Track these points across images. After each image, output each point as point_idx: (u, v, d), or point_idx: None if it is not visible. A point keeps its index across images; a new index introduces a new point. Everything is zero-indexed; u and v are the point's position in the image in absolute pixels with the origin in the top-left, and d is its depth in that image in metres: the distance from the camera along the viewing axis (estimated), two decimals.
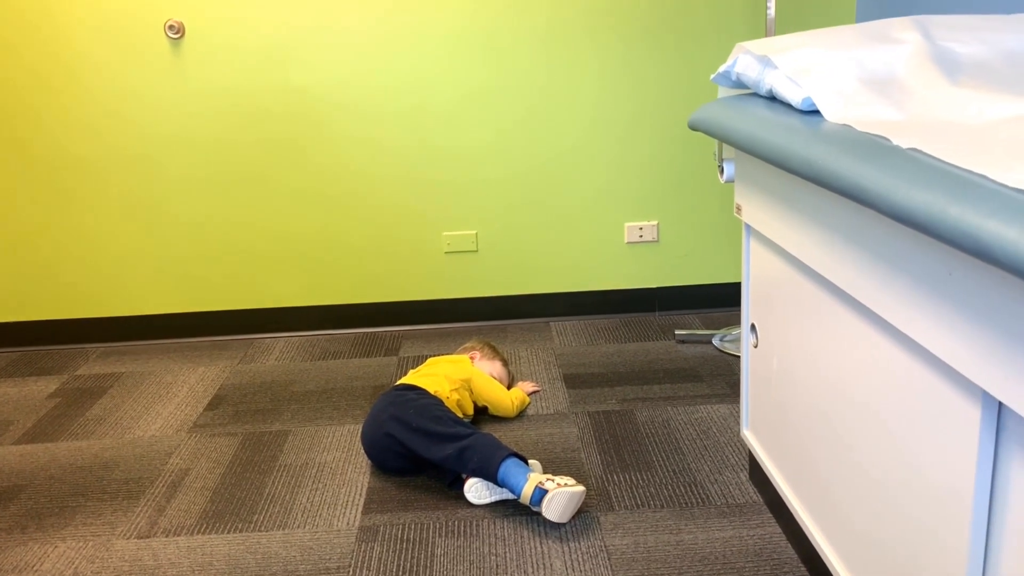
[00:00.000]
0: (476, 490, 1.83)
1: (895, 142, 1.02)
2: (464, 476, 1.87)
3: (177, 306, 2.93)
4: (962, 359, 0.95)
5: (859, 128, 1.13)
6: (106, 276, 2.90)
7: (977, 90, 1.15)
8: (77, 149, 2.79)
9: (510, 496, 1.84)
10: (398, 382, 2.17)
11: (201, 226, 2.87)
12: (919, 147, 0.97)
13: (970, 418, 0.98)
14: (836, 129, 1.16)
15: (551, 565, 1.65)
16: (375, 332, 2.95)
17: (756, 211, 1.63)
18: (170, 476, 2.06)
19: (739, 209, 1.72)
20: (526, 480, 1.76)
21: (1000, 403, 0.95)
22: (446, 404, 2.04)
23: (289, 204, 2.86)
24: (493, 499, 1.84)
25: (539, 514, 1.79)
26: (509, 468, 1.78)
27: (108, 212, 2.85)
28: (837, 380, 1.34)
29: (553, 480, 1.76)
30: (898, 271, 1.07)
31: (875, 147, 1.02)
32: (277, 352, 2.81)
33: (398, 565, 1.67)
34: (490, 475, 1.80)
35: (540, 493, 1.74)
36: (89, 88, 2.74)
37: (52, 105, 2.75)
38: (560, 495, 1.72)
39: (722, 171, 1.78)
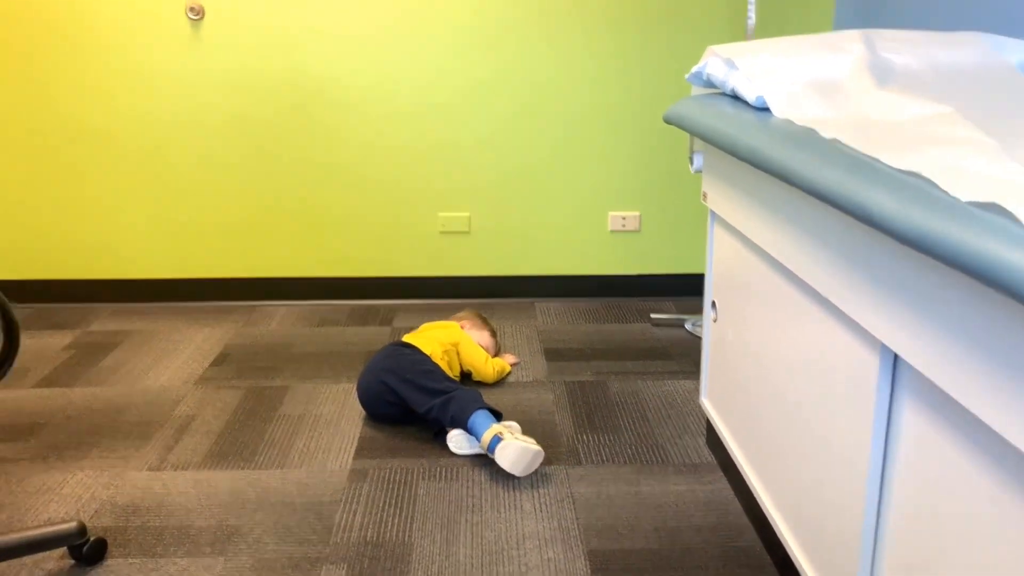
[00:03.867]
0: (456, 441, 2.02)
1: (822, 134, 1.20)
2: (447, 428, 2.05)
3: (185, 271, 3.11)
4: (865, 316, 1.13)
5: (798, 123, 1.31)
6: (119, 240, 3.08)
7: (901, 94, 1.34)
8: (97, 120, 2.96)
9: (485, 452, 2.01)
10: (395, 340, 2.36)
11: (211, 198, 3.04)
12: (839, 138, 1.16)
13: (870, 368, 1.16)
14: (779, 123, 1.35)
15: (521, 507, 1.83)
16: (371, 304, 3.13)
17: (719, 197, 1.81)
18: (178, 421, 2.23)
19: (705, 196, 1.90)
20: (487, 429, 1.95)
21: (896, 355, 1.13)
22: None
23: (295, 181, 3.03)
24: (473, 451, 2.02)
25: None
26: (477, 418, 1.97)
27: (123, 180, 3.02)
28: (780, 349, 1.52)
29: (513, 435, 1.94)
30: (820, 243, 1.25)
31: (804, 137, 1.21)
32: (278, 318, 2.99)
33: (385, 501, 1.86)
34: (462, 423, 1.99)
35: (496, 441, 1.93)
36: (110, 63, 2.91)
37: (74, 77, 2.92)
38: (513, 446, 1.90)
39: (692, 161, 1.96)
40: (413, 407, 2.08)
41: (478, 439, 1.96)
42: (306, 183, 3.03)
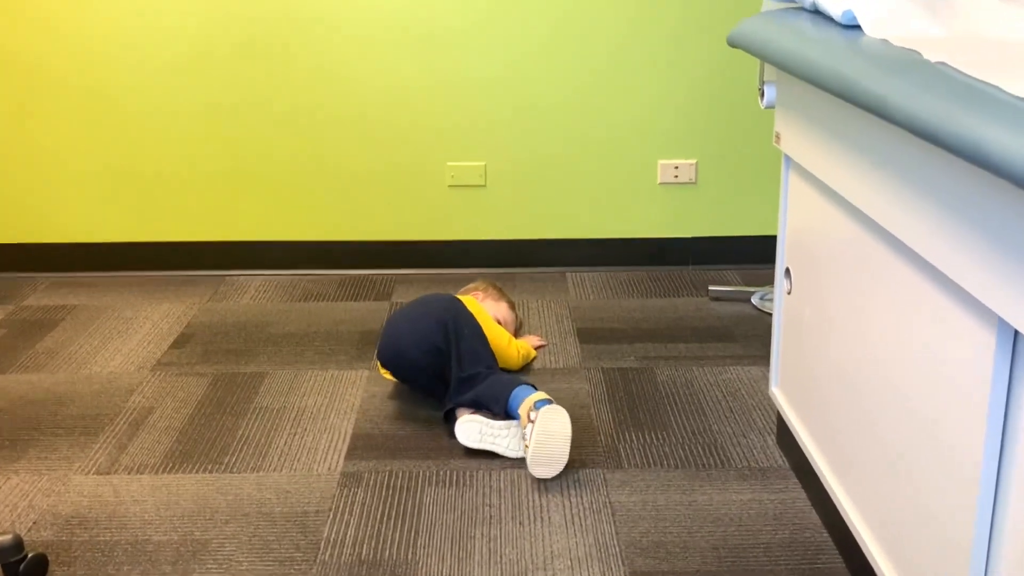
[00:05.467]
0: (466, 430, 2.04)
1: (925, 56, 1.18)
2: (457, 412, 2.09)
3: (140, 234, 3.13)
4: (979, 285, 1.12)
5: (896, 43, 1.29)
6: (60, 197, 3.10)
7: (1022, 6, 1.31)
8: (30, 51, 2.97)
9: (499, 450, 2.03)
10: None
11: (172, 146, 3.05)
12: (947, 61, 1.14)
13: (985, 349, 1.15)
14: (872, 44, 1.33)
15: (549, 518, 1.84)
16: (365, 275, 3.14)
17: (796, 139, 1.79)
18: (131, 414, 2.26)
19: (778, 138, 1.89)
20: (534, 392, 2.01)
21: (1016, 331, 1.12)
22: None
23: (273, 126, 3.03)
24: (483, 446, 2.04)
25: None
26: (522, 389, 2.04)
27: (64, 124, 3.04)
28: (870, 328, 1.51)
29: None
30: (924, 194, 1.24)
31: (904, 61, 1.19)
32: (252, 291, 3.01)
33: (383, 512, 1.88)
34: (504, 396, 2.04)
35: (547, 401, 1.98)
36: None
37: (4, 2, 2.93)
38: (561, 412, 1.96)
39: (763, 95, 1.95)
40: (451, 365, 2.13)
41: (515, 411, 2.01)
42: (288, 129, 3.04)
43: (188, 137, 3.04)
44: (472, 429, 2.04)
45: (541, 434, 1.93)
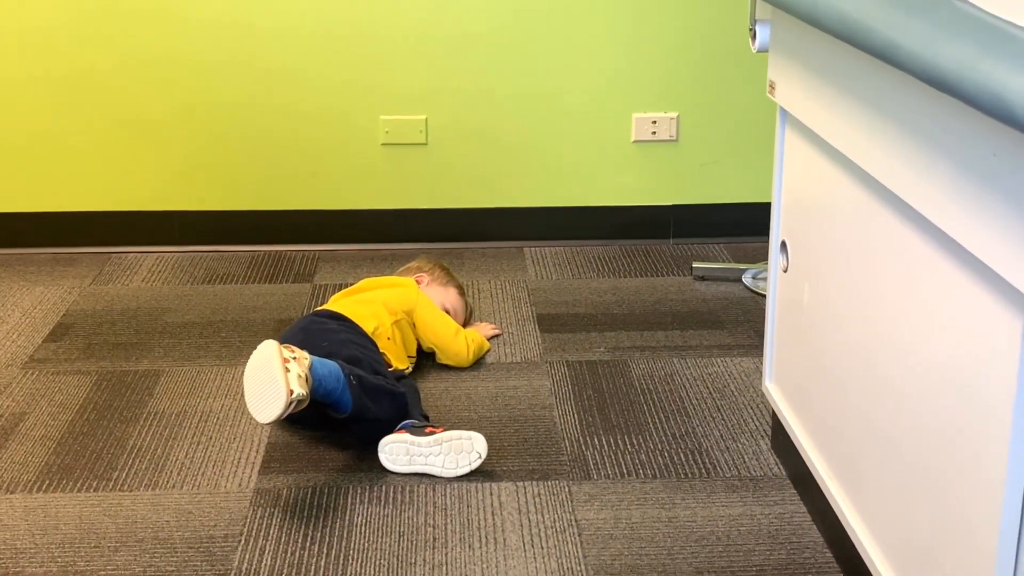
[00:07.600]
0: (391, 452, 2.04)
1: None
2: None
3: (5, 203, 3.09)
4: (1006, 263, 1.14)
5: None
6: None
7: None
8: None
9: (434, 471, 2.03)
10: (318, 308, 2.41)
11: (39, 92, 3.01)
12: None
13: (1013, 337, 1.17)
14: None
15: (504, 540, 1.86)
16: (281, 251, 3.13)
17: (793, 90, 1.81)
18: None
19: (772, 88, 1.91)
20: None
21: None
22: (384, 344, 2.28)
23: (167, 73, 3.00)
24: (413, 468, 2.05)
25: (489, 483, 2.02)
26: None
27: None
28: (881, 313, 1.53)
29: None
30: (944, 157, 1.26)
31: None
32: (144, 271, 2.99)
33: (305, 535, 1.88)
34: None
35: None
36: None
37: None
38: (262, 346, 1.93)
39: (754, 36, 1.97)
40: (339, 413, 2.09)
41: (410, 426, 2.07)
42: (184, 76, 3.01)
43: (63, 85, 3.00)
44: (398, 451, 2.05)
45: (247, 378, 1.92)
